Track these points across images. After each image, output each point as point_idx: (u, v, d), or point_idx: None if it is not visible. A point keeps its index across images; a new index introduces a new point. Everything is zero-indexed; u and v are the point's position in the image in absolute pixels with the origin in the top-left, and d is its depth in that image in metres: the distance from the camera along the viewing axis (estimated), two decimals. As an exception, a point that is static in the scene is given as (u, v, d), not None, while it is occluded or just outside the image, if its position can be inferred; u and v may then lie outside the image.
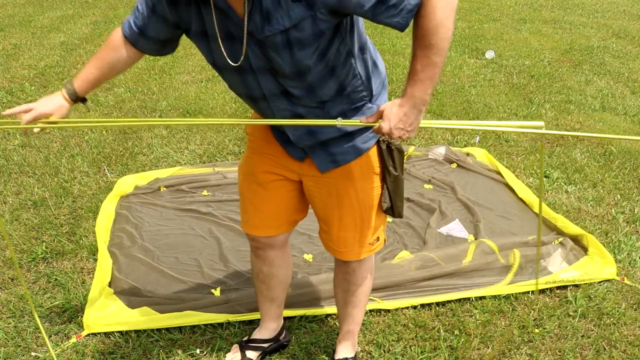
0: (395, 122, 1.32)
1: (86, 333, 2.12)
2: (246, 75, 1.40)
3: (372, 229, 1.67)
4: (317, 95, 1.42)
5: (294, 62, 1.32)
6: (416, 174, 3.35)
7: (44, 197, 3.09)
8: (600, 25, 7.86)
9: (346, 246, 1.68)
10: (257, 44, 1.31)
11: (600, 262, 2.49)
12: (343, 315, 1.91)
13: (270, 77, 1.39)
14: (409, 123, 1.32)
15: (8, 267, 2.52)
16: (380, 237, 1.73)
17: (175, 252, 2.61)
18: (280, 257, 1.86)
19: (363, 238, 1.66)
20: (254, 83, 1.41)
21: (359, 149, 1.54)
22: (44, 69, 5.37)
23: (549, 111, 4.51)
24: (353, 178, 1.57)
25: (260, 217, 1.75)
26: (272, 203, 1.71)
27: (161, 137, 3.89)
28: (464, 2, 9.29)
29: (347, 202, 1.60)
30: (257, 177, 1.69)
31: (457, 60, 5.93)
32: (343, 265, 1.78)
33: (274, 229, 1.76)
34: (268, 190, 1.69)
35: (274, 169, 1.66)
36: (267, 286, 1.92)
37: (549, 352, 2.08)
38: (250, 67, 1.37)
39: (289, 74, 1.35)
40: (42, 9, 8.26)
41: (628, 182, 3.39)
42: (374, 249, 1.72)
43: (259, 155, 1.68)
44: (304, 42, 1.28)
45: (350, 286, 1.81)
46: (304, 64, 1.32)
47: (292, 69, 1.33)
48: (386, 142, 1.54)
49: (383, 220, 1.71)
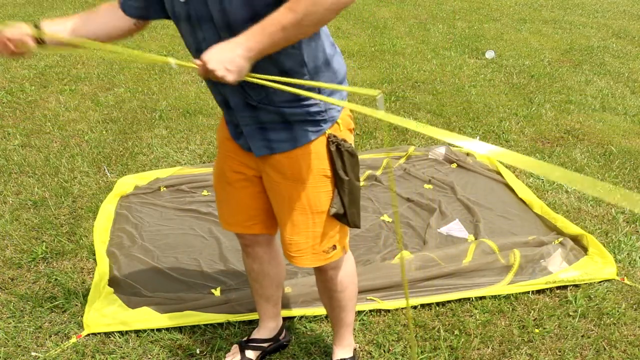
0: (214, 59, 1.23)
1: (86, 333, 2.12)
2: (193, 26, 1.38)
3: (325, 236, 1.62)
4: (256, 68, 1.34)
5: (222, 9, 1.29)
6: (416, 174, 3.35)
7: (44, 197, 3.09)
8: (600, 25, 7.86)
9: (299, 251, 1.64)
10: None
11: (600, 262, 2.49)
12: (333, 319, 1.91)
13: (212, 29, 1.35)
14: (227, 67, 1.23)
15: (8, 267, 2.52)
16: (338, 245, 1.67)
17: (175, 252, 2.61)
18: (268, 254, 1.86)
19: (316, 245, 1.62)
20: (200, 34, 1.38)
21: (296, 139, 1.50)
22: (44, 69, 5.37)
23: (549, 111, 4.51)
24: (302, 178, 1.54)
25: (231, 215, 1.77)
26: (240, 201, 1.72)
27: (161, 137, 3.89)
28: (464, 2, 9.29)
29: (297, 204, 1.57)
30: (226, 176, 1.71)
31: (457, 60, 5.93)
32: (320, 274, 1.76)
33: (247, 227, 1.77)
34: (236, 188, 1.70)
35: (238, 167, 1.67)
36: (260, 285, 1.92)
37: (549, 352, 2.08)
38: (196, 15, 1.35)
39: (222, 25, 1.32)
40: (42, 9, 8.26)
41: (628, 182, 3.39)
42: (329, 257, 1.66)
43: (225, 155, 1.69)
44: None
45: (332, 293, 1.80)
46: (232, 15, 1.29)
47: (222, 17, 1.30)
48: (335, 143, 1.51)
49: (341, 229, 1.66)
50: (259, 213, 1.74)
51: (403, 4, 9.03)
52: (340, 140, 1.52)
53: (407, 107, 4.55)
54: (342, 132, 1.55)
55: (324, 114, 1.50)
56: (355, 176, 1.56)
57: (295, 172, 1.54)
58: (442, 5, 9.01)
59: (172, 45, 6.35)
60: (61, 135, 3.89)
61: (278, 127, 1.51)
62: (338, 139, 1.51)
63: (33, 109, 4.38)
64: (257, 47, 1.24)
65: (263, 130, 1.52)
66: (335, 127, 1.54)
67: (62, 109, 4.38)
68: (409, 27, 7.44)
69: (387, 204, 3.04)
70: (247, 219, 1.75)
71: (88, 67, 5.51)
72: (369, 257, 2.55)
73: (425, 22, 7.82)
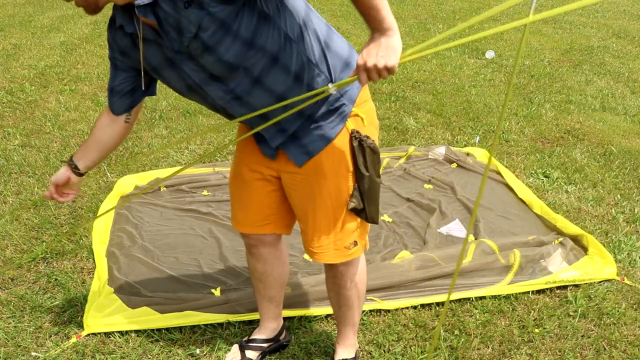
0: (372, 54, 1.25)
1: (86, 333, 2.12)
2: (200, 92, 1.46)
3: (348, 232, 1.64)
4: (269, 89, 1.41)
5: (221, 61, 1.35)
6: (416, 174, 3.35)
7: (44, 197, 3.09)
8: (600, 25, 7.86)
9: (321, 247, 1.65)
10: (188, 58, 1.37)
11: (600, 262, 2.49)
12: (339, 317, 1.91)
13: (216, 86, 1.42)
14: (384, 49, 1.25)
15: (8, 267, 2.52)
16: (359, 242, 1.69)
17: (175, 252, 2.61)
18: (273, 255, 1.86)
19: (338, 240, 1.64)
20: (208, 97, 1.46)
21: (327, 135, 1.52)
22: (44, 69, 5.37)
23: (549, 111, 4.51)
24: (326, 174, 1.56)
25: (245, 215, 1.77)
26: (255, 201, 1.72)
27: (161, 137, 3.89)
28: (464, 2, 9.29)
29: (320, 200, 1.59)
30: (242, 174, 1.71)
31: (457, 60, 5.93)
32: (331, 270, 1.77)
33: (258, 227, 1.77)
34: (252, 188, 1.71)
35: (257, 167, 1.67)
36: (264, 285, 1.92)
37: (549, 352, 2.08)
38: (196, 84, 1.43)
39: (227, 74, 1.38)
40: (42, 9, 8.26)
41: (628, 182, 3.39)
42: (350, 253, 1.68)
43: (243, 153, 1.70)
44: (216, 38, 1.31)
45: (340, 290, 1.80)
46: (229, 59, 1.35)
47: (223, 68, 1.37)
48: (358, 139, 1.52)
49: (362, 224, 1.67)
50: (274, 212, 1.75)
51: (403, 4, 9.03)
52: (363, 136, 1.53)
53: (407, 107, 4.55)
54: (365, 127, 1.56)
55: (342, 99, 1.51)
56: (375, 172, 1.57)
57: (320, 167, 1.55)
58: (442, 5, 9.01)
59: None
60: (61, 135, 3.89)
61: (307, 129, 1.52)
62: (361, 135, 1.53)
63: (33, 109, 4.38)
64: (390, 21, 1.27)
65: (295, 138, 1.54)
66: (359, 122, 1.55)
67: (62, 109, 4.38)
68: (409, 27, 7.44)
69: (387, 203, 3.04)
70: (261, 219, 1.75)
71: (88, 67, 5.51)
72: (369, 257, 2.55)
73: (425, 22, 7.82)
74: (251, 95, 1.43)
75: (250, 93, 1.42)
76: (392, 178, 3.33)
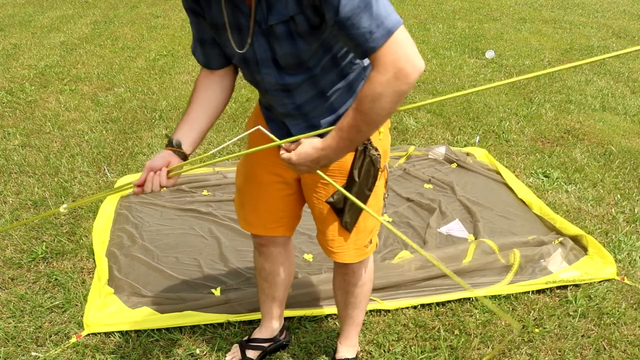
0: (301, 161, 1.38)
1: (86, 333, 2.12)
2: (252, 66, 1.43)
3: (367, 231, 1.66)
4: (317, 84, 1.43)
5: (295, 53, 1.35)
6: (416, 174, 3.35)
7: (44, 197, 3.09)
8: (600, 25, 7.86)
9: (341, 247, 1.67)
10: (263, 34, 1.35)
11: (600, 262, 2.49)
12: (343, 317, 1.91)
13: (272, 71, 1.41)
14: (310, 167, 1.39)
15: (8, 267, 2.52)
16: (373, 239, 1.72)
17: (175, 252, 2.61)
18: (283, 255, 1.87)
19: (359, 240, 1.65)
20: (257, 74, 1.44)
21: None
22: (44, 69, 5.37)
23: (549, 111, 4.51)
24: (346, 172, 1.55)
25: (257, 217, 1.76)
26: (271, 203, 1.72)
27: (161, 137, 3.89)
28: (464, 2, 9.29)
29: None
30: (258, 176, 1.69)
31: (457, 60, 5.93)
32: (342, 267, 1.77)
33: (269, 229, 1.77)
34: (269, 191, 1.69)
35: (276, 169, 1.66)
36: (270, 284, 1.92)
37: (549, 352, 2.08)
38: (254, 58, 1.40)
39: (292, 64, 1.37)
40: (42, 9, 8.26)
41: (628, 182, 3.39)
42: (367, 251, 1.71)
43: (259, 154, 1.67)
44: (302, 34, 1.31)
45: (350, 287, 1.81)
46: (304, 55, 1.35)
47: (293, 59, 1.36)
48: (364, 145, 1.51)
49: (376, 222, 1.70)
50: (286, 215, 1.75)
51: (403, 4, 9.02)
52: (372, 145, 1.52)
53: (407, 107, 4.54)
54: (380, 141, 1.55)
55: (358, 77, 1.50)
56: (366, 186, 1.55)
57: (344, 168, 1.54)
58: (442, 5, 9.01)
59: (172, 45, 6.35)
60: (61, 135, 3.89)
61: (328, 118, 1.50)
62: (371, 143, 1.51)
63: (33, 109, 4.38)
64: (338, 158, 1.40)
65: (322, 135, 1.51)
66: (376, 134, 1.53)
67: (62, 109, 4.38)
68: (409, 27, 7.44)
69: (387, 203, 3.04)
70: (273, 221, 1.75)
71: (88, 67, 5.51)
72: (369, 257, 2.55)
73: (425, 22, 7.82)
74: (299, 88, 1.43)
75: (299, 87, 1.43)
76: (392, 178, 3.32)
